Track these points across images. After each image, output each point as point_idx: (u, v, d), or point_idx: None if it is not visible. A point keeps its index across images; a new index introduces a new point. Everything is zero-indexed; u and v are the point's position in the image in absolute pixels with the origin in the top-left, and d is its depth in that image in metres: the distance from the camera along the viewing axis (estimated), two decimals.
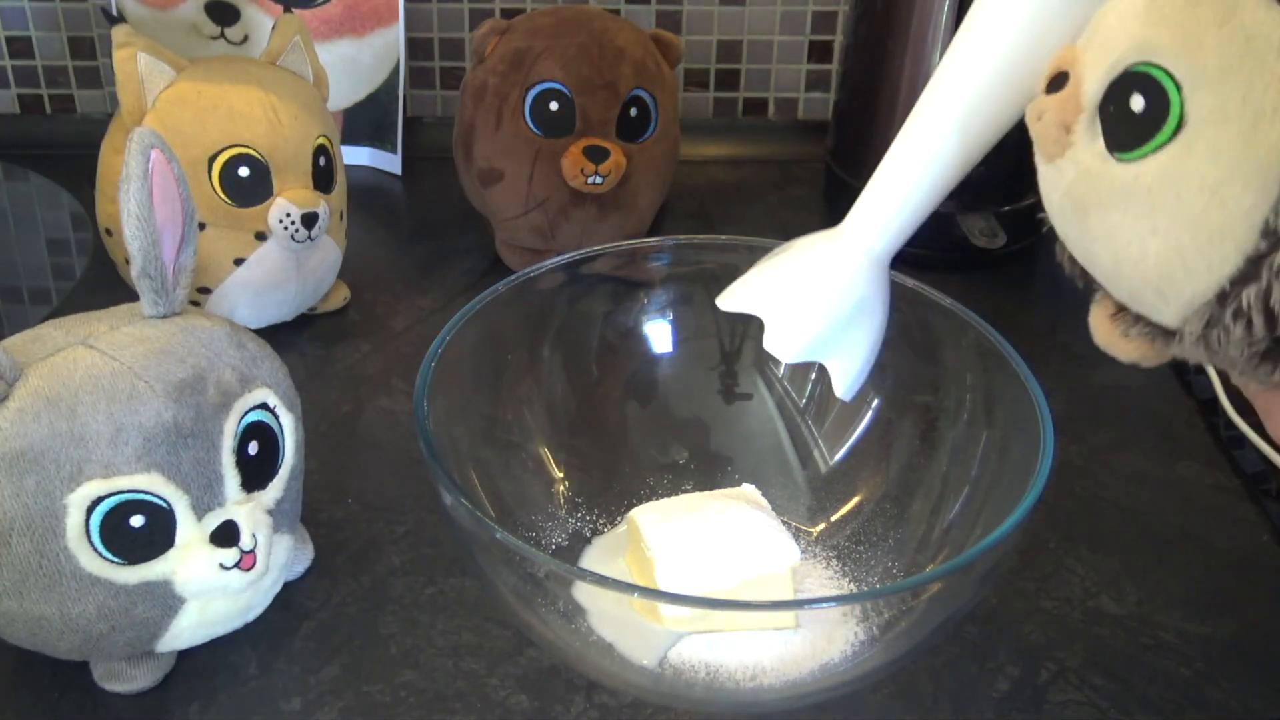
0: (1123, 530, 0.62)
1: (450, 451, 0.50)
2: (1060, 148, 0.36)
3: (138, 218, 0.47)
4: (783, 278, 0.46)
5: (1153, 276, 0.34)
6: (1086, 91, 0.35)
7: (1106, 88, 0.34)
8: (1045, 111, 0.37)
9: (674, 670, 0.47)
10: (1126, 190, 0.34)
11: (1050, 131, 0.36)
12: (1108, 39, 0.35)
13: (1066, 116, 0.36)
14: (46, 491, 0.45)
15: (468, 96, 0.80)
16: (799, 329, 0.46)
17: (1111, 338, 0.38)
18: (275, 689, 0.52)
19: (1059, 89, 0.36)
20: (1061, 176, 0.36)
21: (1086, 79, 0.35)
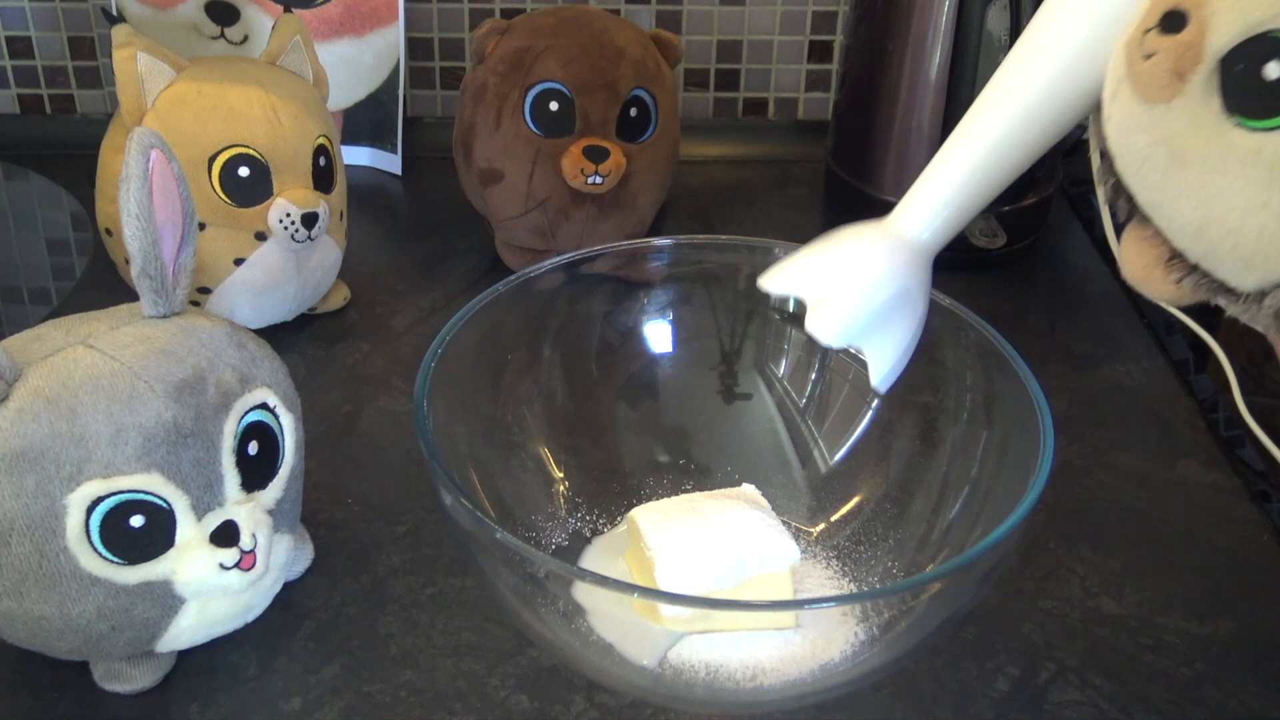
0: (1123, 530, 0.62)
1: (450, 451, 0.50)
2: (1169, 94, 0.34)
3: (138, 218, 0.47)
4: (827, 262, 0.46)
5: (1247, 247, 0.33)
6: (1212, 43, 0.33)
7: (1238, 45, 0.32)
8: (1157, 52, 0.34)
9: (674, 670, 0.47)
10: (1244, 159, 0.33)
11: (1160, 75, 0.34)
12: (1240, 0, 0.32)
13: (1183, 64, 0.33)
14: (46, 491, 0.45)
15: (468, 96, 0.80)
16: (841, 313, 0.46)
17: (1151, 277, 0.37)
18: (275, 689, 0.52)
19: (1176, 30, 0.34)
20: (1161, 124, 0.34)
21: (1215, 30, 0.33)
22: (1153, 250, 0.37)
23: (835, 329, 0.46)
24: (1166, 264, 0.36)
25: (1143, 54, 0.35)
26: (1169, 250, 0.36)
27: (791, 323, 0.59)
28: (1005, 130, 0.45)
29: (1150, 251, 0.37)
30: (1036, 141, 0.45)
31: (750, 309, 0.59)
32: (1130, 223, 0.38)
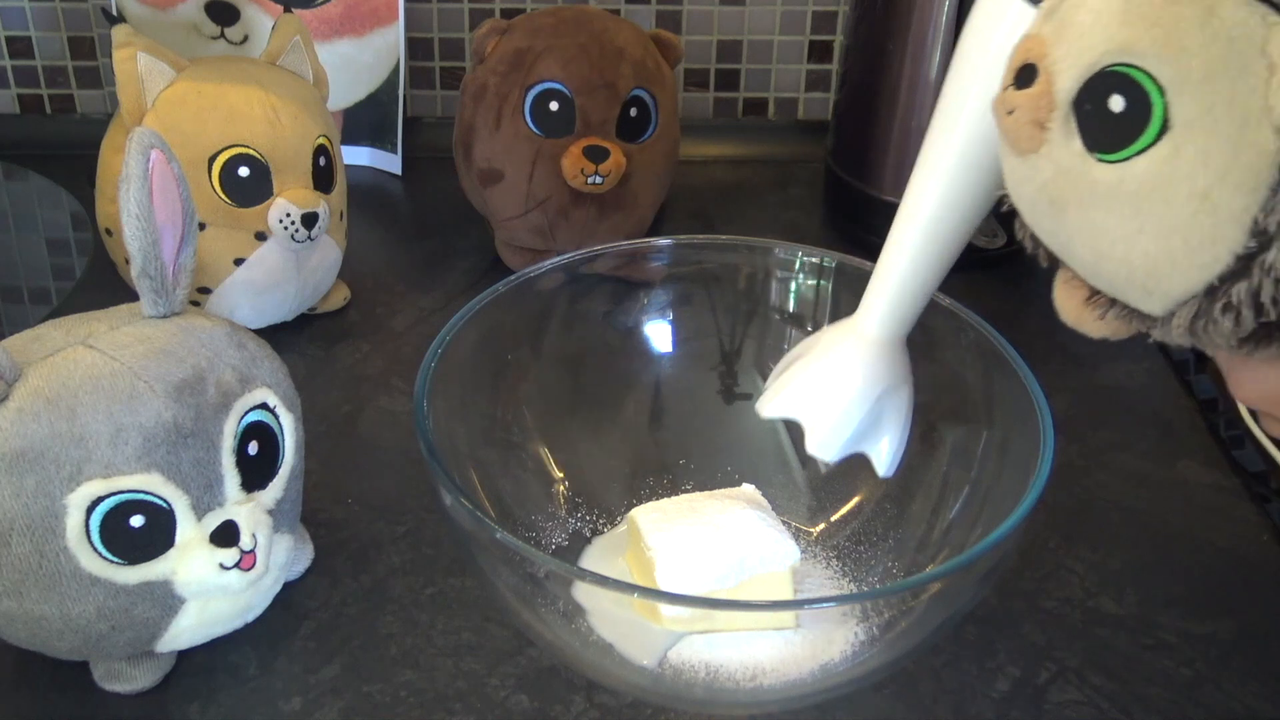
0: (1123, 530, 0.62)
1: (450, 451, 0.50)
2: (1034, 144, 0.35)
3: (138, 218, 0.47)
4: (813, 382, 0.49)
5: (1139, 274, 0.34)
6: (1061, 88, 0.34)
7: (1082, 86, 0.34)
8: (1016, 107, 0.36)
9: (674, 670, 0.47)
10: (1111, 192, 0.34)
11: (1023, 128, 0.35)
12: (1082, 35, 0.34)
13: (1040, 113, 0.35)
14: (46, 491, 0.45)
15: (468, 96, 0.80)
16: (835, 433, 0.49)
17: (1082, 318, 0.38)
18: (275, 689, 0.52)
19: (1028, 83, 0.35)
20: (1036, 173, 0.36)
21: (1060, 75, 0.34)
22: (1076, 292, 0.38)
23: (834, 449, 0.49)
24: (1088, 302, 0.37)
25: (1005, 110, 0.36)
26: (1088, 289, 0.37)
27: (792, 323, 0.59)
28: (937, 211, 0.46)
29: (1075, 293, 0.38)
30: (970, 212, 0.46)
31: (750, 309, 0.59)
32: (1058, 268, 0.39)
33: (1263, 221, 0.31)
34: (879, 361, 0.48)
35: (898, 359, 0.49)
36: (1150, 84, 0.32)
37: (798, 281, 0.58)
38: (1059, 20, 0.35)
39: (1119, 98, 0.33)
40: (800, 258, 0.57)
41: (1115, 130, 0.33)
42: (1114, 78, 0.33)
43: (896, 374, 0.49)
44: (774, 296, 0.58)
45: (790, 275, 0.58)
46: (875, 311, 0.48)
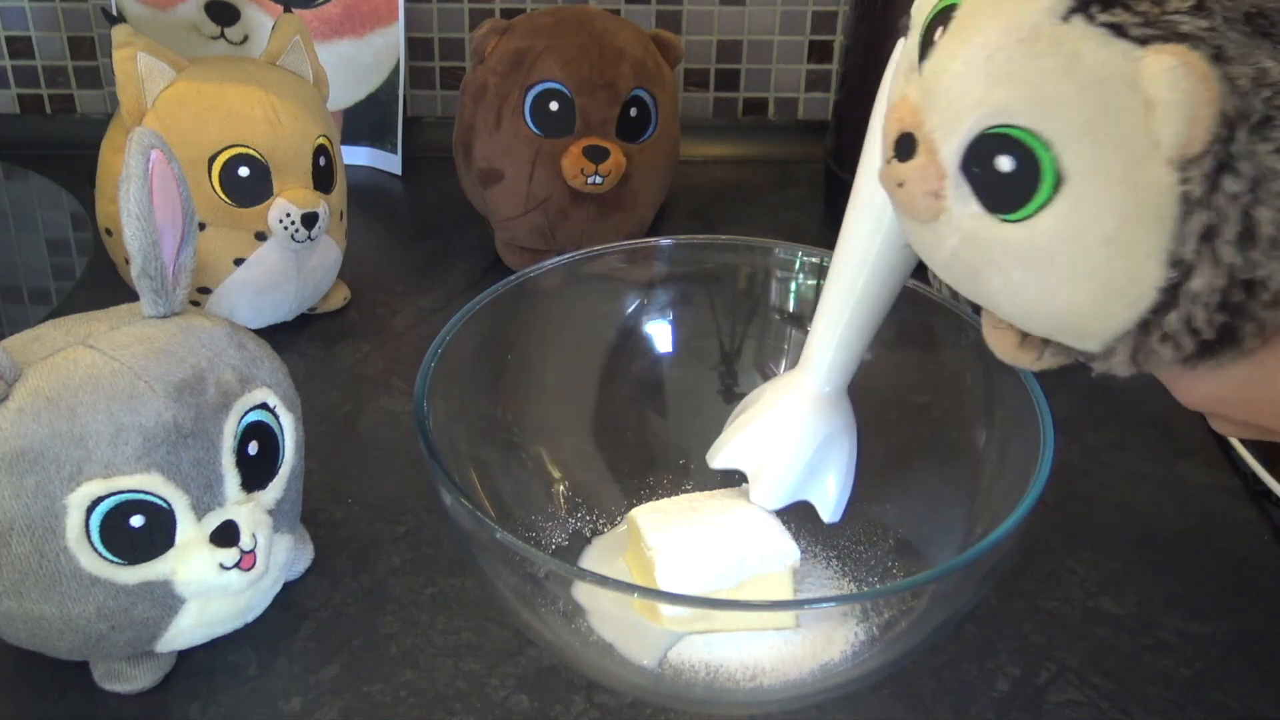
0: (1123, 530, 0.62)
1: (450, 451, 0.50)
2: (933, 213, 0.35)
3: (138, 218, 0.47)
4: (758, 434, 0.50)
5: (1068, 324, 0.34)
6: (945, 156, 0.34)
7: (966, 151, 0.33)
8: (905, 180, 0.35)
9: (674, 670, 0.47)
10: (1022, 250, 0.33)
11: (917, 199, 0.35)
12: (951, 102, 0.33)
13: (930, 183, 0.34)
14: (46, 491, 0.45)
15: (468, 96, 0.80)
16: (776, 482, 0.50)
17: (1019, 358, 0.38)
18: (275, 689, 0.52)
19: (910, 154, 0.35)
20: (943, 239, 0.35)
21: (941, 144, 0.34)
22: (1007, 335, 0.37)
23: (775, 497, 0.50)
24: (1022, 345, 0.37)
25: (895, 183, 0.35)
26: (1018, 333, 0.37)
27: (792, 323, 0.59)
28: (868, 264, 0.46)
29: (1007, 336, 0.38)
30: (900, 263, 0.46)
31: (750, 309, 0.59)
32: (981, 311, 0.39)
33: (1177, 252, 0.31)
34: (819, 413, 0.50)
35: (839, 409, 0.50)
36: (1032, 140, 0.31)
37: (798, 281, 0.58)
38: (924, 86, 0.35)
39: (1005, 158, 0.32)
40: (800, 258, 0.57)
41: (1010, 189, 0.32)
42: (996, 139, 0.32)
43: (837, 423, 0.50)
44: (774, 296, 0.58)
45: (790, 275, 0.58)
46: (815, 366, 0.49)
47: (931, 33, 0.35)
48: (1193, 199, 0.30)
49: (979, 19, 0.33)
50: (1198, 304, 0.32)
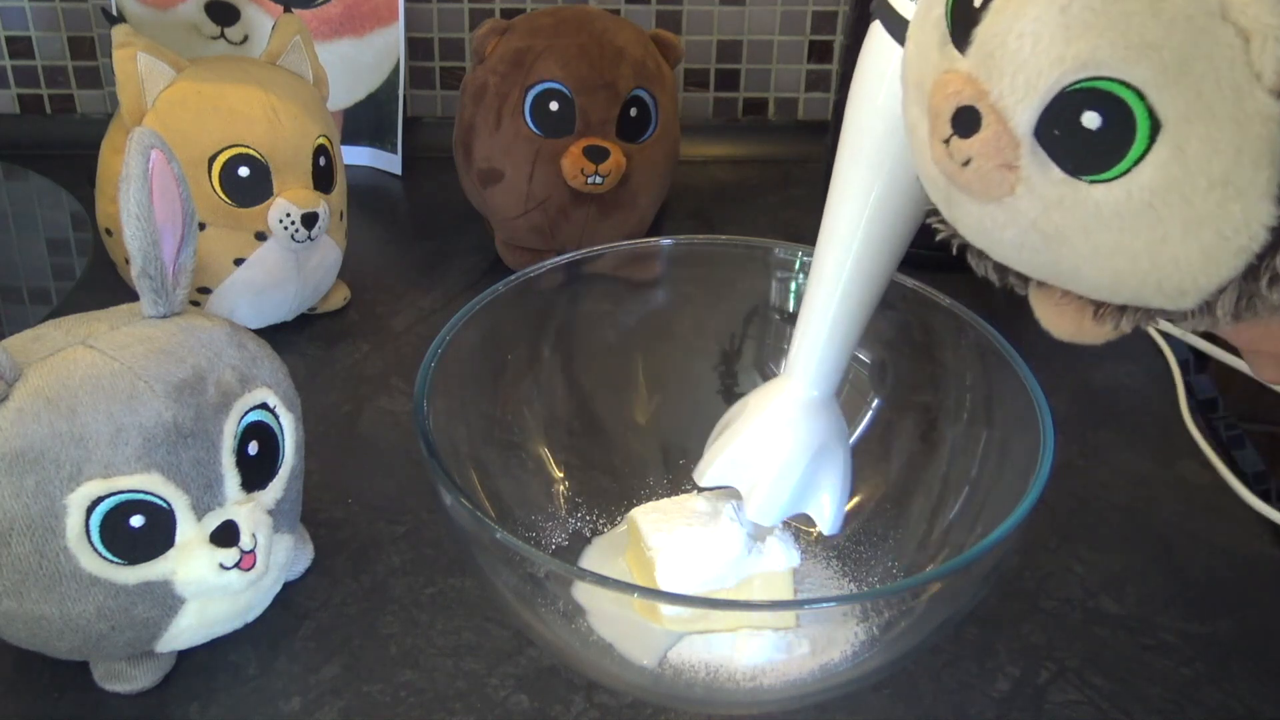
0: (1123, 530, 0.62)
1: (450, 451, 0.50)
2: (1007, 187, 0.33)
3: (138, 218, 0.47)
4: (748, 448, 0.49)
5: (1170, 281, 0.32)
6: (1019, 122, 0.32)
7: (1043, 114, 0.31)
8: (973, 156, 0.33)
9: (674, 670, 0.47)
10: (1120, 210, 0.31)
11: (990, 174, 0.33)
12: (1025, 63, 0.31)
13: (1005, 155, 0.32)
14: (46, 491, 0.45)
15: (468, 96, 0.80)
16: (772, 498, 0.49)
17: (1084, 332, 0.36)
18: (275, 689, 0.52)
19: (973, 128, 0.33)
20: (1018, 214, 0.33)
21: (1014, 110, 0.32)
22: (1073, 309, 0.36)
23: (772, 513, 0.49)
24: (1095, 317, 0.35)
25: (959, 163, 0.34)
26: (1091, 303, 0.35)
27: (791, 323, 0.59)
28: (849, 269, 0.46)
29: (1071, 311, 0.36)
30: (883, 265, 0.46)
31: (750, 309, 0.59)
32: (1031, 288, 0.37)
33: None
34: (810, 422, 0.49)
35: (830, 416, 0.49)
36: (1124, 90, 0.30)
37: (798, 281, 0.58)
38: (983, 53, 0.33)
39: (1093, 114, 0.31)
40: (800, 258, 0.57)
41: (1099, 147, 0.31)
42: (1079, 95, 0.31)
43: (829, 431, 0.49)
44: (774, 296, 0.58)
45: (790, 275, 0.58)
46: (801, 372, 0.48)
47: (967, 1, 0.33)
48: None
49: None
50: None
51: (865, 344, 0.56)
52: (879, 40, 0.44)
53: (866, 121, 0.45)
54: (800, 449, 0.49)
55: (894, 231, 0.45)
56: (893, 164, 0.44)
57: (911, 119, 0.37)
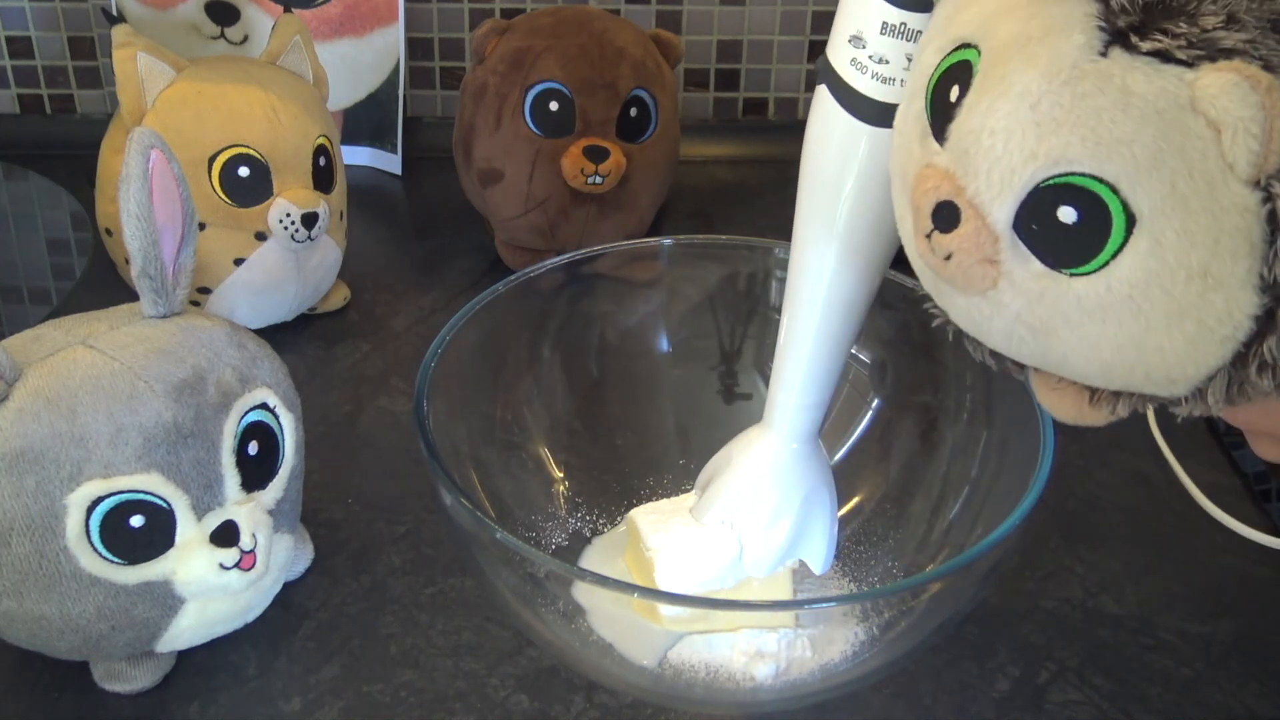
0: (1123, 530, 0.62)
1: (450, 451, 0.50)
2: (989, 281, 0.33)
3: (138, 218, 0.47)
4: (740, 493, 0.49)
5: (1157, 370, 0.32)
6: (997, 219, 0.32)
7: (1020, 209, 0.32)
8: (954, 252, 0.33)
9: (674, 670, 0.47)
10: (1100, 302, 0.31)
11: (972, 269, 0.33)
12: (998, 159, 0.32)
13: (986, 250, 0.32)
14: (46, 491, 0.45)
15: (468, 96, 0.80)
16: (768, 551, 0.49)
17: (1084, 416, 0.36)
18: (275, 689, 0.52)
19: (953, 223, 0.33)
20: (1002, 308, 0.34)
21: (991, 205, 0.32)
22: (1071, 394, 0.36)
23: (766, 566, 0.50)
24: (1092, 402, 0.36)
25: (941, 257, 0.34)
26: (1087, 389, 0.35)
27: None
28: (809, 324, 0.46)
29: (1069, 396, 0.36)
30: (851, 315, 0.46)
31: (750, 309, 0.59)
32: (1029, 373, 0.37)
33: (1270, 274, 0.30)
34: (795, 474, 0.49)
35: (812, 461, 0.49)
36: (1097, 185, 0.30)
37: None
38: (959, 150, 0.33)
39: (1068, 209, 0.31)
40: None
41: (1077, 241, 0.31)
42: (1054, 191, 0.31)
43: (813, 477, 0.49)
44: (774, 296, 0.58)
45: None
46: (780, 424, 0.49)
47: (945, 95, 0.34)
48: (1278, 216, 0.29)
49: (1011, 68, 0.31)
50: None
51: (865, 344, 0.56)
52: (824, 106, 0.43)
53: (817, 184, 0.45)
54: (787, 503, 0.49)
55: (858, 288, 0.45)
56: (845, 229, 0.44)
57: (900, 210, 0.37)
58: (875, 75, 0.41)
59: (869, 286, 0.45)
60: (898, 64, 0.40)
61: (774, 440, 0.49)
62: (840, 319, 0.46)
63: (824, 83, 0.43)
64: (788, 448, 0.49)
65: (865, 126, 0.42)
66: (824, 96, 0.43)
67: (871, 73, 0.41)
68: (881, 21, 0.40)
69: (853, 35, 0.41)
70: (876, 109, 0.41)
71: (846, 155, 0.43)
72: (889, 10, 0.40)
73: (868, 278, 0.45)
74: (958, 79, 0.33)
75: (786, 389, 0.48)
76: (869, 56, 0.40)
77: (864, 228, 0.44)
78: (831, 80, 0.43)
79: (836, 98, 0.42)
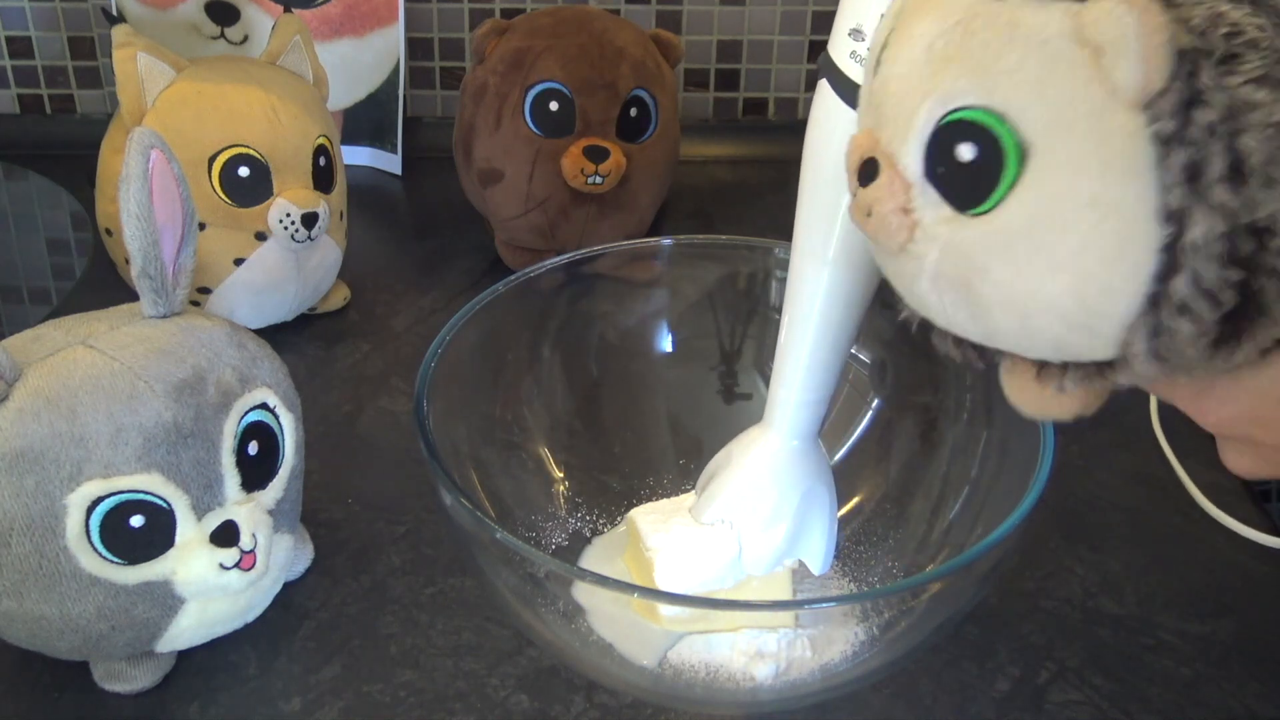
0: (1123, 530, 0.62)
1: (450, 451, 0.50)
2: (908, 231, 0.33)
3: (138, 218, 0.47)
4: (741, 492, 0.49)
5: (1073, 314, 0.31)
6: (907, 165, 0.32)
7: (925, 151, 0.32)
8: (874, 203, 0.33)
9: (674, 670, 0.47)
10: (1004, 240, 0.31)
11: (889, 219, 0.33)
12: (900, 106, 0.32)
13: (899, 198, 0.33)
14: (46, 491, 0.45)
15: (468, 96, 0.80)
16: (767, 550, 0.49)
17: (1043, 401, 0.36)
18: (275, 689, 0.52)
19: (874, 178, 0.33)
20: (923, 259, 0.33)
21: (900, 153, 0.33)
22: (1024, 375, 0.35)
23: (764, 565, 0.50)
24: (1039, 379, 0.35)
25: (864, 213, 0.34)
26: (1034, 365, 0.35)
27: None
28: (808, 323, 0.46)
29: (1024, 377, 0.35)
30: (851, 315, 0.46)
31: (750, 309, 0.59)
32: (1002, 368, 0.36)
33: (1166, 202, 0.29)
34: (794, 472, 0.49)
35: (811, 460, 0.50)
36: (986, 118, 0.30)
37: None
38: (873, 104, 0.34)
39: (965, 146, 0.31)
40: None
41: (977, 179, 0.31)
42: (951, 129, 0.31)
43: (812, 476, 0.49)
44: (774, 296, 0.58)
45: None
46: (780, 424, 0.49)
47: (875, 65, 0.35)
48: (1165, 136, 0.28)
49: (914, 19, 0.33)
50: (1202, 258, 0.29)
51: (865, 344, 0.56)
52: (825, 100, 0.43)
53: (819, 180, 0.45)
54: (786, 502, 0.49)
55: (859, 285, 0.46)
56: (847, 224, 0.44)
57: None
58: None
59: (870, 283, 0.45)
60: None
61: (774, 438, 0.49)
62: (841, 316, 0.46)
63: (825, 77, 0.43)
64: (787, 445, 0.49)
65: None
66: (825, 91, 0.43)
67: None
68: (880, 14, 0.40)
69: (852, 29, 0.41)
70: None
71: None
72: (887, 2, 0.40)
73: (869, 274, 0.45)
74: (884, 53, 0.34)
75: (787, 386, 0.48)
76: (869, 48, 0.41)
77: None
78: (832, 74, 0.43)
79: (837, 91, 0.43)
